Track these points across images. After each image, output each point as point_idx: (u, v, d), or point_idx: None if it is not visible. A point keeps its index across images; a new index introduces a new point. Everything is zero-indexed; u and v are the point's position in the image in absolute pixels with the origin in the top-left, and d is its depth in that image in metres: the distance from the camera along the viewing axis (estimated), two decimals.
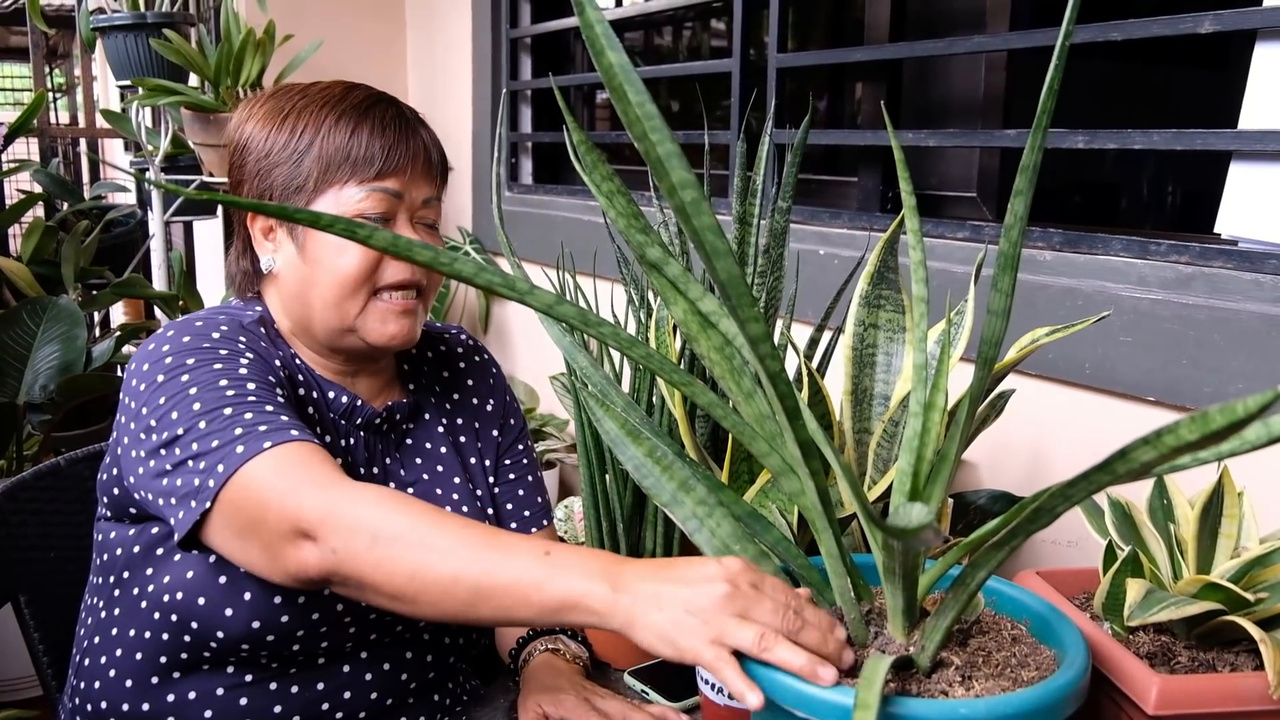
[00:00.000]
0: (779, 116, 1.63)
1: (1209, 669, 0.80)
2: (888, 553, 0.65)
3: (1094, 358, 1.19)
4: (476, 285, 0.59)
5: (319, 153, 1.08)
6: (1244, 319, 1.05)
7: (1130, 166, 3.02)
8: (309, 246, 1.09)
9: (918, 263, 0.74)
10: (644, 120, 0.55)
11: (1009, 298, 0.64)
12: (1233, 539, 0.85)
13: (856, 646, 0.70)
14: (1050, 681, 0.65)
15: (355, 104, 1.10)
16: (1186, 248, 1.15)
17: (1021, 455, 1.32)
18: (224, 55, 2.35)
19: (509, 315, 2.67)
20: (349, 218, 0.63)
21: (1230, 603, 0.78)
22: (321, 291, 1.08)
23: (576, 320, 0.66)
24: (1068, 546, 1.26)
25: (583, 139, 0.68)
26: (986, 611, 0.77)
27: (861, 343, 1.09)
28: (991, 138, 1.39)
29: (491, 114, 2.63)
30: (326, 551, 0.86)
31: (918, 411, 0.70)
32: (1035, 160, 0.61)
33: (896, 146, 0.73)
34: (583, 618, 0.76)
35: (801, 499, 0.72)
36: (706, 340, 0.72)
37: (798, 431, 0.64)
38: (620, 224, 0.67)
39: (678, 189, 0.56)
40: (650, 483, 0.80)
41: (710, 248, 0.57)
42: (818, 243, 1.60)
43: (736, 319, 0.59)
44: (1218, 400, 1.08)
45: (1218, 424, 0.44)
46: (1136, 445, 0.49)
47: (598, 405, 0.82)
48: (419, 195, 1.12)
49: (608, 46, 0.55)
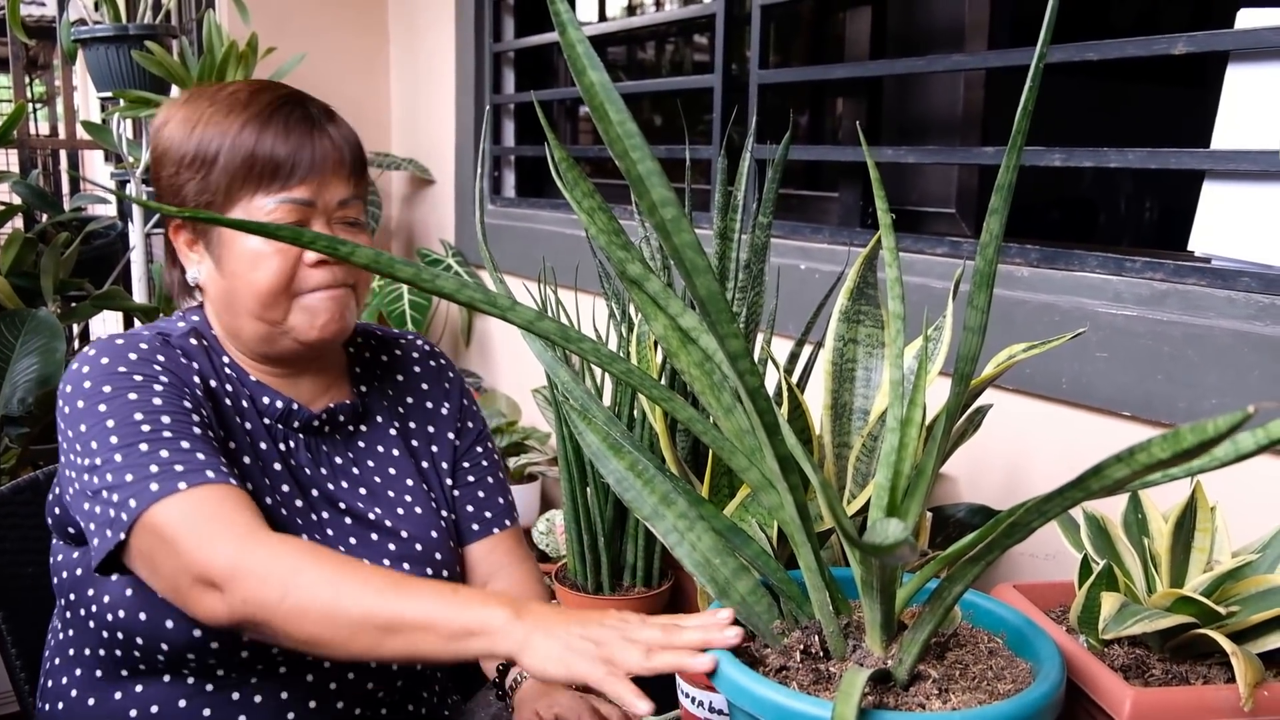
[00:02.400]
0: (760, 132, 1.64)
1: (1182, 681, 0.81)
2: (865, 567, 0.66)
3: (1070, 373, 1.20)
4: (458, 301, 0.60)
5: (225, 165, 1.06)
6: (1217, 335, 1.06)
7: (1107, 183, 3.05)
8: (225, 260, 1.08)
9: (893, 280, 0.74)
10: (624, 139, 0.56)
11: (985, 314, 0.65)
12: (1205, 553, 0.86)
13: (834, 660, 0.71)
14: (1025, 694, 0.66)
15: (259, 111, 1.08)
16: (1161, 265, 1.16)
17: (999, 469, 1.34)
18: (206, 67, 2.34)
19: (491, 329, 2.67)
20: (328, 235, 0.63)
21: (1203, 616, 0.79)
22: (244, 302, 1.08)
23: (557, 336, 0.66)
24: (1044, 560, 1.27)
25: (564, 156, 0.69)
26: (964, 625, 0.78)
27: (841, 358, 1.10)
28: (970, 154, 1.40)
29: (475, 127, 2.63)
30: (236, 602, 0.90)
31: (894, 427, 0.71)
32: (1010, 180, 0.62)
33: (872, 165, 0.74)
34: (484, 643, 0.82)
35: (780, 513, 0.72)
36: (686, 356, 0.72)
37: (776, 446, 0.64)
38: (601, 240, 0.68)
39: (658, 206, 0.56)
40: (632, 496, 0.81)
41: (690, 264, 0.57)
42: (799, 257, 1.61)
43: (715, 335, 0.59)
44: (1192, 415, 1.09)
45: (1189, 442, 0.45)
46: (1110, 462, 0.50)
47: (580, 419, 0.83)
48: (333, 197, 1.10)
49: (589, 66, 0.56)
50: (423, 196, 3.00)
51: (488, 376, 2.69)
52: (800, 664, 0.70)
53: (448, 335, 2.82)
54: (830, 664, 0.71)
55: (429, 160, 2.92)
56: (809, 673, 0.69)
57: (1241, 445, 0.48)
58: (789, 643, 0.72)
